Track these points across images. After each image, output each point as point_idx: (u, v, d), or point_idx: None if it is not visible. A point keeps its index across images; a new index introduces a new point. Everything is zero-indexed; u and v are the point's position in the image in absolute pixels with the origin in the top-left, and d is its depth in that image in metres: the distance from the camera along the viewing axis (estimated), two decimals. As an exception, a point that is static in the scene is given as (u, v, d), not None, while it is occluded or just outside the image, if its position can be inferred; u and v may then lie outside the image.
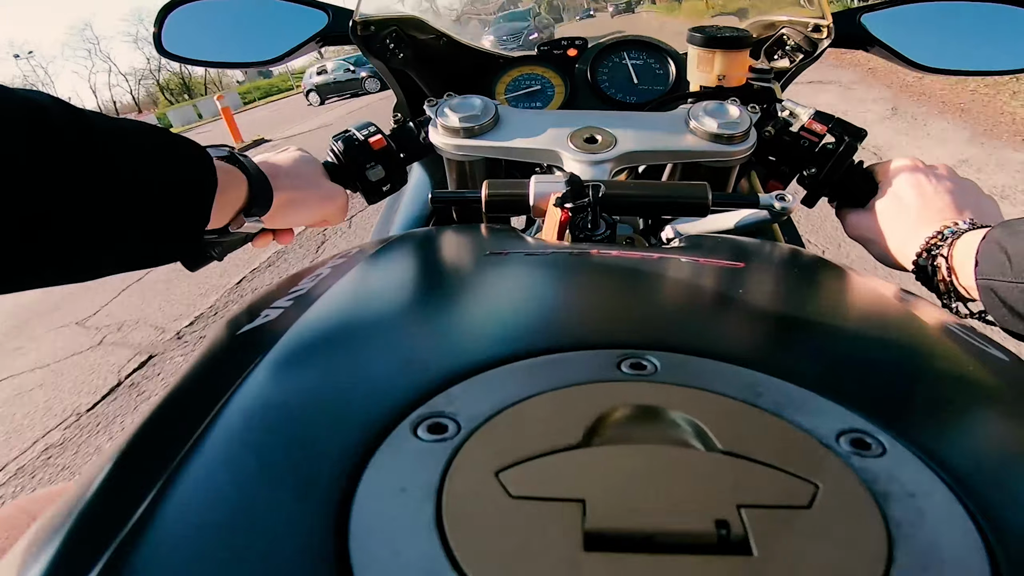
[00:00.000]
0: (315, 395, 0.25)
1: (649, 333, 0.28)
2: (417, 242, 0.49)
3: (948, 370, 0.29)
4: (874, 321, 0.33)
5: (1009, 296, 0.45)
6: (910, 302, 0.38)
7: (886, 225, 0.60)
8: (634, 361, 0.25)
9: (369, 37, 0.80)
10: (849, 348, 0.29)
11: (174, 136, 0.46)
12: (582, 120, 0.67)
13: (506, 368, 0.25)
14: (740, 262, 0.40)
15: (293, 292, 0.39)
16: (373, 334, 0.30)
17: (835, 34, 0.78)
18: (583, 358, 0.25)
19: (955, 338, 0.32)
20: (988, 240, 0.48)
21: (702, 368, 0.25)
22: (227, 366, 0.30)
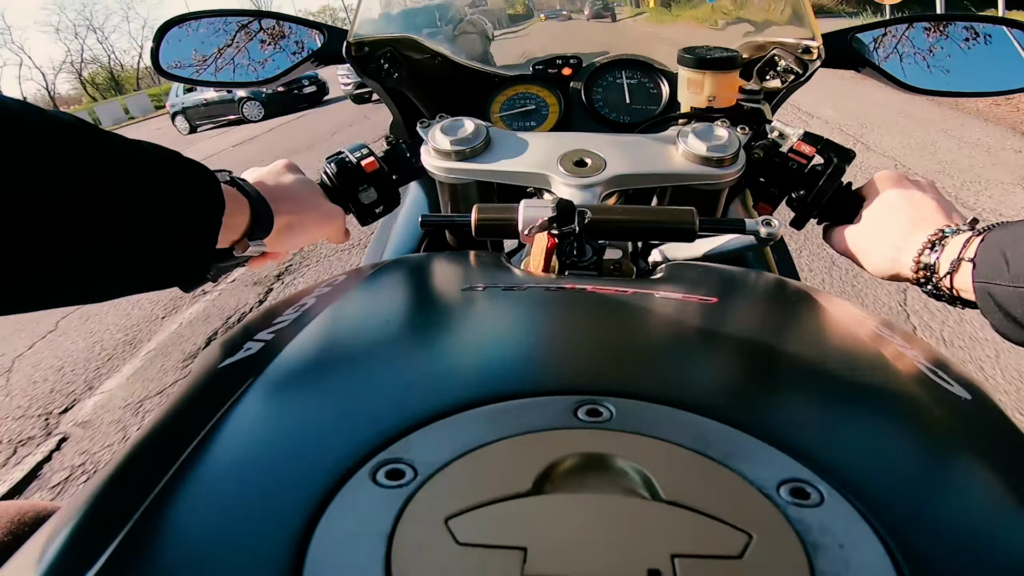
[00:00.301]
0: (284, 438, 0.27)
1: (607, 379, 0.29)
2: (397, 275, 0.50)
3: (897, 415, 0.29)
4: (832, 362, 0.33)
5: (1006, 300, 0.45)
6: (877, 337, 0.38)
7: (879, 234, 0.59)
8: (590, 407, 0.26)
9: (364, 58, 0.81)
10: (801, 393, 0.30)
11: (185, 159, 0.47)
12: (572, 143, 0.68)
13: (466, 414, 0.26)
14: (713, 297, 0.40)
15: (277, 324, 0.40)
16: (344, 377, 0.31)
17: (825, 55, 0.78)
18: (541, 404, 0.26)
19: (916, 378, 0.32)
20: (987, 242, 0.48)
21: (655, 415, 0.26)
22: (204, 405, 0.32)
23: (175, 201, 0.44)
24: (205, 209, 0.47)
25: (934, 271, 0.52)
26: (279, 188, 0.62)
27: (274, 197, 0.60)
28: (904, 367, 0.34)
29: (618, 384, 0.28)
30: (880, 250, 0.58)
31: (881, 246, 0.58)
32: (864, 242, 0.61)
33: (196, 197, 0.47)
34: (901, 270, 0.56)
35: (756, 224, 0.59)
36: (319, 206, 0.65)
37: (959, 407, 0.31)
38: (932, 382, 0.33)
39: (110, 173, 0.39)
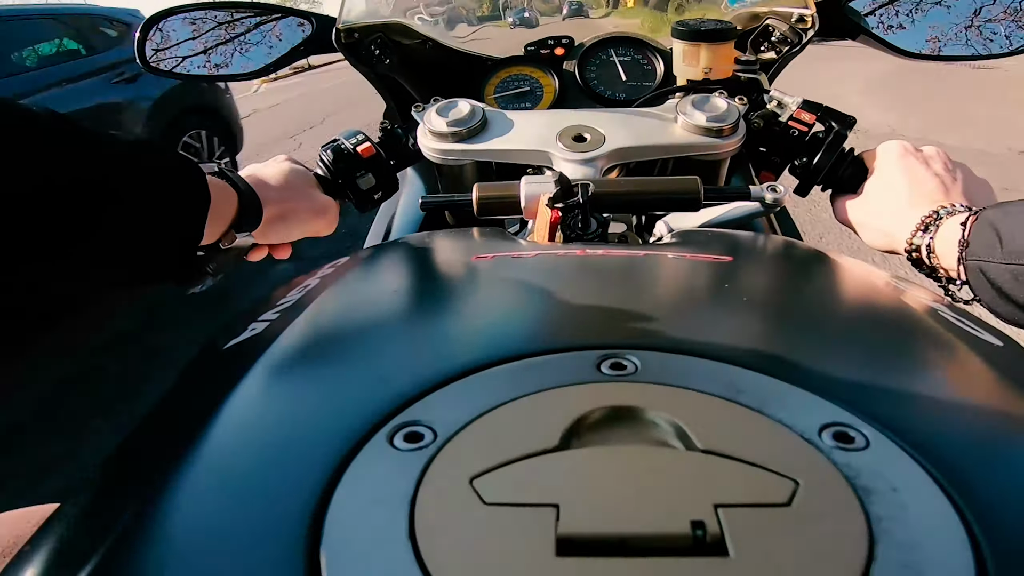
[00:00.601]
0: (296, 409, 0.26)
1: (629, 332, 0.28)
2: (403, 250, 0.49)
3: (934, 360, 0.28)
4: (859, 312, 0.33)
5: (998, 277, 0.45)
6: (899, 289, 0.37)
7: (878, 208, 0.59)
8: (614, 361, 0.25)
9: (353, 44, 0.80)
10: (833, 340, 0.29)
11: (169, 151, 0.46)
12: (570, 119, 0.67)
13: (484, 373, 0.25)
14: (728, 256, 0.39)
15: (280, 304, 0.39)
16: (354, 345, 0.30)
17: (819, 24, 0.77)
18: (562, 360, 0.25)
19: (945, 325, 0.32)
20: (980, 221, 0.47)
21: (683, 366, 0.25)
22: (213, 381, 0.31)
23: (160, 193, 0.44)
24: (190, 201, 0.47)
25: (930, 251, 0.52)
26: (269, 179, 0.62)
27: (263, 188, 0.59)
28: (932, 315, 0.33)
29: (642, 337, 0.27)
30: (878, 225, 0.58)
31: (879, 221, 0.58)
32: (863, 215, 0.60)
33: (181, 189, 0.46)
34: (896, 247, 0.56)
35: (761, 191, 0.58)
36: (310, 197, 0.64)
37: (993, 352, 0.30)
38: (962, 329, 0.32)
39: (94, 167, 0.39)
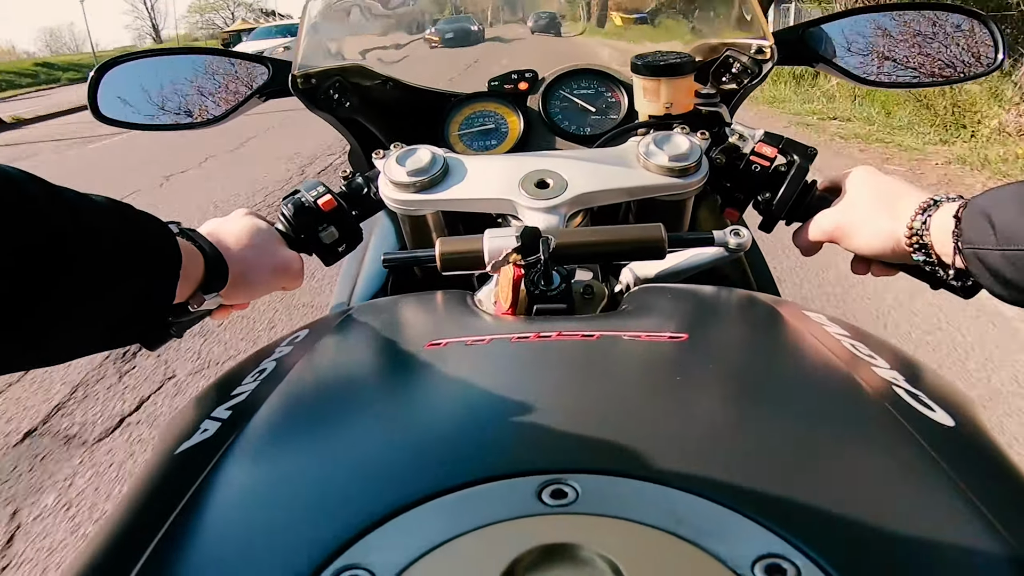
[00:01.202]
0: (238, 548, 0.25)
1: (572, 454, 0.27)
2: (359, 331, 0.49)
3: (874, 476, 0.28)
4: (807, 416, 0.32)
5: (996, 263, 0.45)
6: (857, 366, 0.37)
7: (866, 212, 0.58)
8: (555, 488, 0.25)
9: (311, 90, 0.79)
10: (774, 457, 0.28)
11: (140, 213, 0.46)
12: (532, 163, 0.66)
13: (427, 507, 0.24)
14: (683, 333, 0.39)
15: (234, 397, 0.39)
16: (300, 469, 0.30)
17: (778, 54, 0.78)
18: (504, 489, 0.25)
19: (897, 418, 0.31)
20: (971, 208, 0.48)
21: (623, 492, 0.24)
22: (159, 500, 0.31)
23: (131, 256, 0.43)
24: (161, 263, 0.46)
25: (928, 243, 0.52)
26: (232, 238, 0.61)
27: (227, 248, 0.58)
28: (883, 400, 0.33)
29: (584, 459, 0.27)
30: (871, 224, 0.57)
31: (875, 219, 0.57)
32: (853, 219, 0.59)
33: (151, 251, 0.45)
34: (896, 241, 0.55)
35: (725, 235, 0.58)
36: (274, 254, 0.63)
37: (942, 442, 0.30)
38: (913, 412, 0.32)
39: (63, 228, 0.37)
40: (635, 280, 0.63)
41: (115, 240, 0.42)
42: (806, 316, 0.47)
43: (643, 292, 0.53)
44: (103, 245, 0.40)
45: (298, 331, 0.52)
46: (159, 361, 2.31)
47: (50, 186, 0.38)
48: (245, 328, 2.52)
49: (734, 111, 0.81)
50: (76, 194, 0.40)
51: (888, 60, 0.83)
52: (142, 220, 0.45)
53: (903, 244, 0.54)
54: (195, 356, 2.34)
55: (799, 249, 0.66)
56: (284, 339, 0.50)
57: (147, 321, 0.47)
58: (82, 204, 0.40)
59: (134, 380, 2.21)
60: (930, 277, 0.56)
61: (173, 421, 0.44)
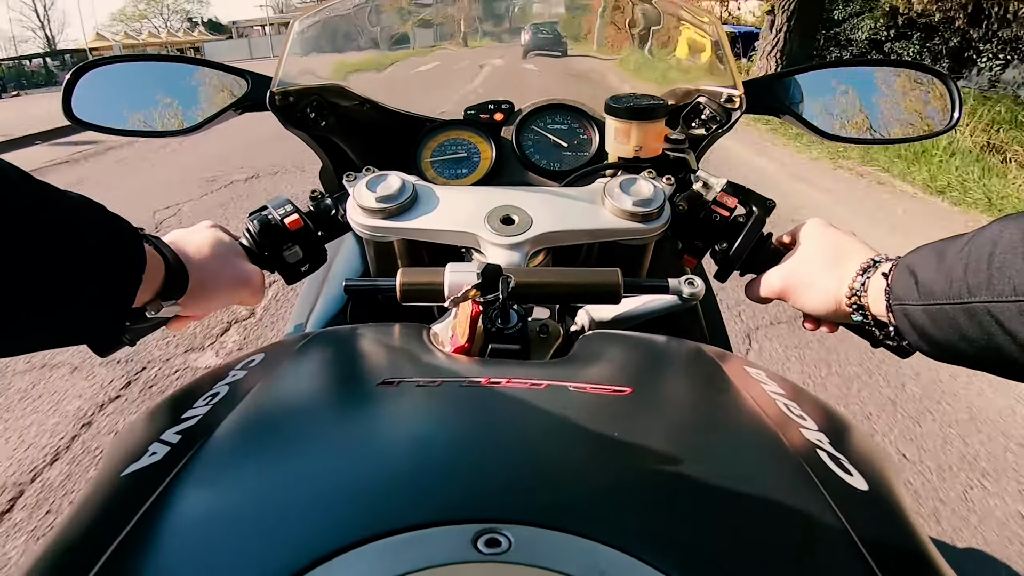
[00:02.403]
0: (179, 572, 0.27)
1: (509, 504, 0.29)
2: (313, 362, 0.49)
3: (787, 539, 0.30)
4: (734, 476, 0.34)
5: (918, 318, 0.47)
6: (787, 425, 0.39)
7: (815, 269, 0.60)
8: (490, 537, 0.26)
9: (288, 107, 0.79)
10: (700, 516, 0.30)
11: (111, 214, 0.46)
12: (499, 198, 0.68)
13: (364, 550, 0.25)
14: (628, 387, 0.40)
15: (184, 421, 0.40)
16: (239, 507, 0.31)
17: (747, 103, 0.80)
18: (440, 536, 0.26)
19: (816, 481, 0.34)
20: (900, 266, 0.50)
21: (554, 544, 0.26)
22: (104, 524, 0.32)
23: (96, 255, 0.43)
24: (125, 266, 0.47)
25: (864, 297, 0.54)
26: (194, 248, 0.61)
27: (189, 257, 0.59)
28: (804, 462, 0.35)
29: (519, 510, 0.28)
30: (816, 285, 0.59)
31: (817, 281, 0.59)
32: (797, 282, 0.62)
33: (117, 253, 0.46)
34: (837, 299, 0.57)
35: (679, 284, 0.59)
36: (235, 267, 0.64)
37: (853, 506, 0.32)
38: (830, 475, 0.34)
39: (35, 222, 0.38)
40: (590, 322, 0.65)
41: (82, 236, 0.42)
42: (746, 373, 0.48)
43: (595, 338, 0.54)
44: (70, 239, 0.41)
45: (253, 354, 0.52)
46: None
47: (24, 174, 0.39)
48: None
49: (700, 156, 0.83)
50: (51, 187, 0.41)
51: (851, 115, 0.86)
52: (112, 221, 0.46)
53: (843, 305, 0.56)
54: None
55: (750, 299, 0.68)
56: (239, 361, 0.51)
57: (103, 322, 0.47)
58: (54, 196, 0.41)
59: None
60: (870, 336, 0.58)
61: (120, 440, 0.44)
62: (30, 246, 0.38)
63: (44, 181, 0.40)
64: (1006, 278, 0.39)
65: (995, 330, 0.40)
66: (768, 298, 0.66)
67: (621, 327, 0.65)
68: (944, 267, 0.45)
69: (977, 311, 0.41)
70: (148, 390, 2.22)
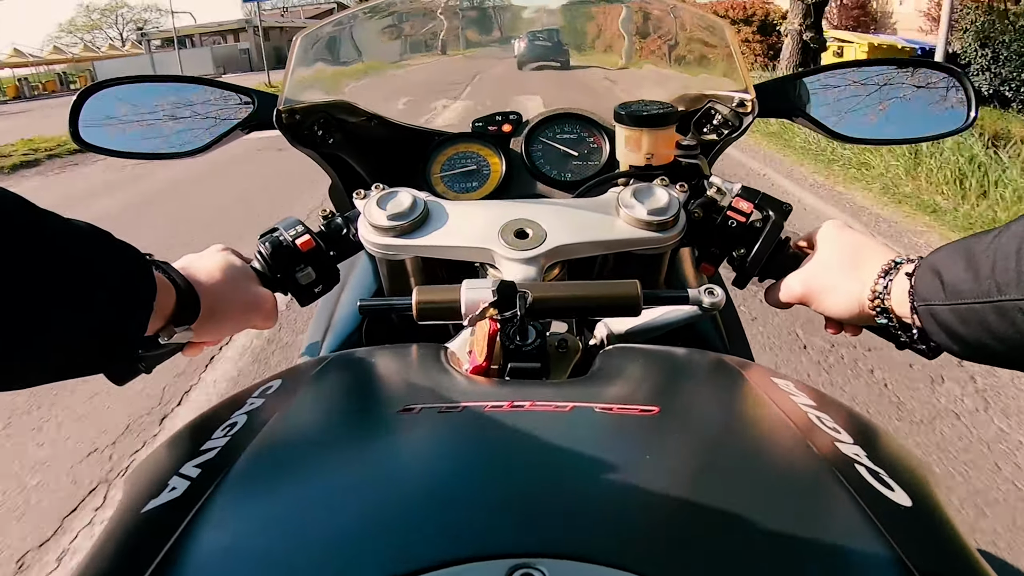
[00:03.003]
0: None
1: (542, 537, 0.28)
2: (330, 387, 0.48)
3: (834, 562, 0.29)
4: (768, 501, 0.33)
5: (946, 319, 0.46)
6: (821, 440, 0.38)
7: (837, 272, 0.59)
8: (525, 572, 0.25)
9: (295, 125, 0.79)
10: (735, 544, 0.29)
11: (119, 241, 0.46)
12: (512, 212, 0.67)
13: None
14: (655, 406, 0.39)
15: (204, 453, 0.39)
16: (265, 539, 0.30)
17: (759, 107, 0.79)
18: (474, 572, 0.26)
19: (856, 490, 0.33)
20: (923, 266, 0.49)
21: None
22: (127, 564, 0.31)
23: (106, 284, 0.43)
24: (135, 295, 0.46)
25: (888, 300, 0.53)
26: (205, 273, 0.60)
27: (200, 283, 0.58)
28: (843, 478, 0.34)
29: (554, 542, 0.27)
30: (843, 286, 0.58)
31: (841, 283, 0.58)
32: (821, 283, 0.61)
33: (126, 282, 0.45)
34: (861, 305, 0.56)
35: (699, 294, 0.58)
36: (247, 292, 0.63)
37: (897, 523, 0.31)
38: (871, 492, 0.33)
39: (42, 253, 0.38)
40: (609, 335, 0.64)
41: (91, 266, 0.42)
42: (774, 384, 0.47)
43: (616, 353, 0.53)
44: (79, 269, 0.40)
45: (270, 380, 0.51)
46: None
47: (28, 204, 0.38)
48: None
49: (713, 163, 0.82)
50: (57, 217, 0.41)
51: (867, 116, 0.85)
52: (120, 249, 0.45)
53: (867, 308, 0.55)
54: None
55: (770, 305, 0.67)
56: (256, 388, 0.50)
57: (117, 352, 0.47)
58: (61, 227, 0.40)
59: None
60: (895, 338, 0.57)
61: (140, 474, 0.44)
62: (35, 278, 0.37)
63: (48, 210, 0.40)
64: None
65: None
66: (789, 303, 0.64)
67: (640, 339, 0.63)
68: (971, 266, 0.44)
69: (1007, 309, 0.41)
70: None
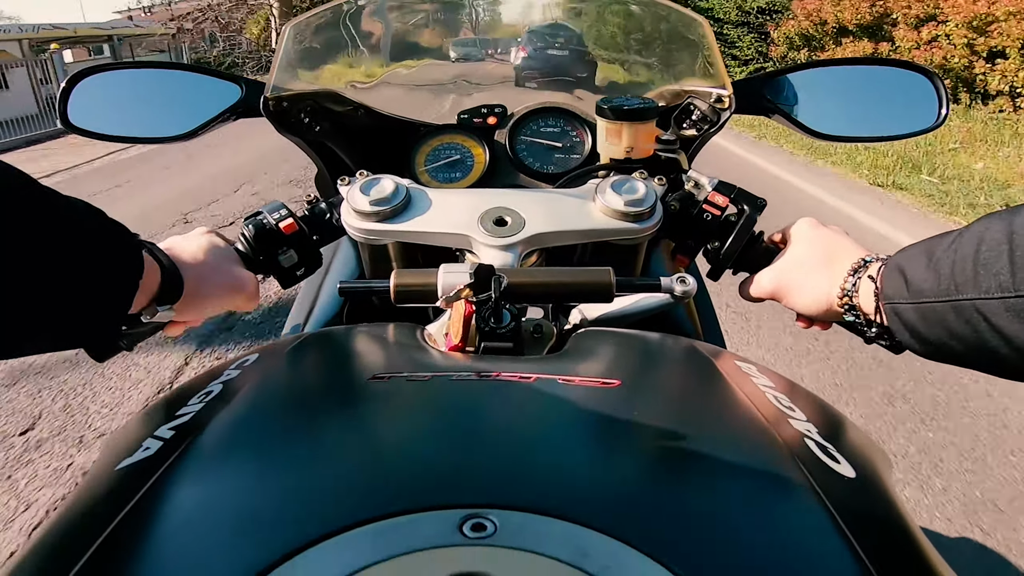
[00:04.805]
0: (170, 562, 0.27)
1: (494, 490, 0.30)
2: (307, 359, 0.50)
3: (773, 525, 0.31)
4: (720, 462, 0.34)
5: (909, 317, 0.47)
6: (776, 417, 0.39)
7: (807, 270, 0.61)
8: (476, 522, 0.27)
9: (282, 112, 0.80)
10: (684, 501, 0.31)
11: (110, 220, 0.47)
12: (492, 200, 0.68)
13: (351, 535, 0.26)
14: (617, 379, 0.41)
15: (179, 417, 0.41)
16: (231, 492, 0.32)
17: (736, 103, 0.81)
18: (427, 520, 0.27)
19: (804, 468, 0.34)
20: (889, 265, 0.50)
21: (538, 528, 0.27)
22: (95, 517, 0.32)
23: (95, 260, 0.44)
24: (123, 272, 0.47)
25: (856, 297, 0.54)
26: (189, 255, 0.62)
27: (183, 263, 0.59)
28: (792, 452, 0.35)
29: (505, 495, 0.29)
30: (813, 283, 0.60)
31: (813, 279, 0.60)
32: (792, 280, 0.62)
33: (116, 259, 0.46)
34: (830, 302, 0.58)
35: (671, 283, 0.60)
36: (230, 273, 0.64)
37: (840, 493, 0.33)
38: (818, 464, 0.35)
39: (40, 227, 0.39)
40: (584, 321, 0.66)
41: (82, 241, 0.43)
42: (737, 367, 0.49)
43: (587, 335, 0.55)
44: (70, 244, 0.41)
45: (248, 355, 0.53)
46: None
47: (29, 179, 0.39)
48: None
49: (692, 158, 0.84)
50: (53, 192, 0.42)
51: (839, 114, 0.87)
52: (112, 227, 0.46)
53: (836, 305, 0.57)
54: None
55: (743, 298, 0.69)
56: (234, 361, 0.51)
57: (100, 327, 0.48)
58: (56, 201, 0.41)
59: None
60: (862, 333, 0.59)
61: (117, 436, 0.45)
62: (30, 249, 0.38)
63: (46, 185, 0.41)
64: (991, 274, 0.40)
65: (983, 327, 0.41)
66: (761, 298, 0.66)
67: (615, 325, 0.65)
68: (932, 265, 0.45)
69: (964, 308, 0.42)
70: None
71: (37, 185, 0.40)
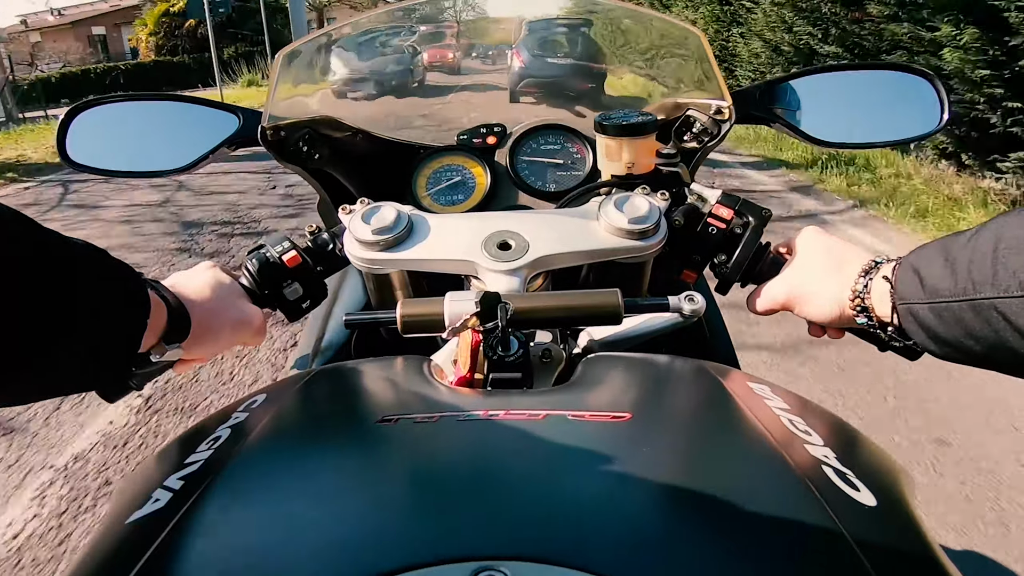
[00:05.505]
0: None
1: (506, 540, 0.29)
2: (313, 399, 0.49)
3: (795, 566, 0.30)
4: (733, 505, 0.34)
5: (925, 317, 0.46)
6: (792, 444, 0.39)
7: (818, 276, 0.60)
8: (488, 574, 0.26)
9: (280, 142, 0.80)
10: (699, 548, 0.30)
11: (115, 260, 0.46)
12: (495, 223, 0.68)
13: None
14: (628, 412, 0.40)
15: (187, 467, 0.40)
16: (240, 548, 0.31)
17: (736, 114, 0.81)
18: (439, 574, 0.26)
19: (813, 508, 0.33)
20: (903, 265, 0.49)
21: None
22: (108, 573, 0.32)
23: (100, 303, 0.44)
24: (130, 313, 0.47)
25: (868, 299, 0.53)
26: (195, 291, 0.61)
27: (189, 301, 0.59)
28: (809, 481, 0.35)
29: (517, 545, 0.28)
30: (824, 289, 0.59)
31: (823, 285, 0.59)
32: (802, 288, 0.61)
33: (122, 300, 0.46)
34: (842, 307, 0.57)
35: (680, 302, 0.59)
36: (236, 308, 0.64)
37: (859, 523, 0.32)
38: (836, 492, 0.34)
39: (41, 272, 0.38)
40: (593, 343, 0.65)
41: (86, 284, 0.42)
42: (750, 389, 0.48)
43: (597, 362, 0.54)
44: (74, 288, 0.41)
45: (256, 395, 0.52)
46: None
47: (29, 221, 0.39)
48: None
49: (694, 171, 0.83)
50: (56, 234, 0.41)
51: (840, 120, 0.87)
52: (116, 267, 0.46)
53: (847, 309, 0.56)
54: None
55: (752, 312, 0.68)
56: (242, 403, 0.51)
57: (110, 370, 0.48)
58: (56, 244, 0.41)
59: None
60: (876, 339, 0.58)
61: (126, 486, 0.45)
62: (33, 296, 0.38)
63: (47, 228, 0.40)
64: (1010, 273, 0.39)
65: (1002, 326, 0.40)
66: (772, 310, 0.66)
67: (624, 347, 0.65)
68: (948, 264, 0.45)
69: (983, 307, 0.41)
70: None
71: (36, 228, 0.39)
